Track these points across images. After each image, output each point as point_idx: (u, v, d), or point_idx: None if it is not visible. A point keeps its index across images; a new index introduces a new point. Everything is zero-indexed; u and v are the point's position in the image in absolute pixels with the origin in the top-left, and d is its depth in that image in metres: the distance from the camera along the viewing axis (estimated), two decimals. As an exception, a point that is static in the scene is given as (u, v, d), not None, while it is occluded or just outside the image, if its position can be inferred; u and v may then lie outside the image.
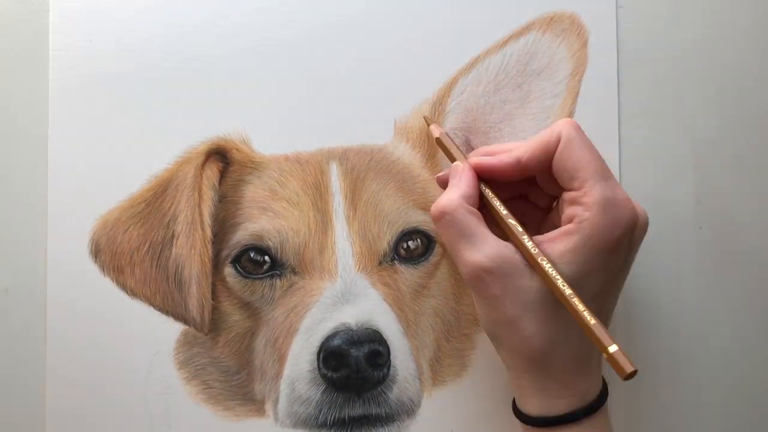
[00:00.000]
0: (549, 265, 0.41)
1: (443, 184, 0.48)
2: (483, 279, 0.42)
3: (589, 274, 0.41)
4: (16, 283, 0.52)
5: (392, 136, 0.52)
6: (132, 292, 0.51)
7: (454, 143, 0.49)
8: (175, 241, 0.50)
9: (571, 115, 0.51)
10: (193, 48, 0.52)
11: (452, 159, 0.48)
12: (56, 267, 0.52)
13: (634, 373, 0.38)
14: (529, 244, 0.42)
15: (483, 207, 0.45)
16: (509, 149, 0.46)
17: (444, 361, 0.51)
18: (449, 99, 0.52)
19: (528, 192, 0.48)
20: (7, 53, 0.53)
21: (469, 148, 0.52)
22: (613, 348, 0.38)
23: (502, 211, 0.45)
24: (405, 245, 0.51)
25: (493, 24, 0.52)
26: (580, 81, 0.52)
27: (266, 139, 0.52)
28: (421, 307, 0.51)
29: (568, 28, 0.51)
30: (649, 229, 0.50)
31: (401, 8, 0.52)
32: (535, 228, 0.48)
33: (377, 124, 0.52)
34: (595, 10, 0.52)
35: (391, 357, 0.47)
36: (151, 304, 0.51)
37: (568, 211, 0.43)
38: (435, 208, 0.44)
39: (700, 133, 0.52)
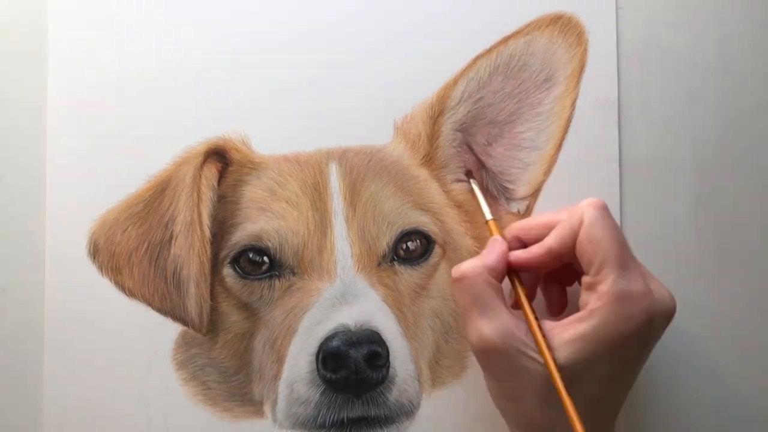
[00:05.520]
0: (547, 352, 0.41)
1: None
2: (488, 353, 0.43)
3: (592, 362, 0.41)
4: (14, 283, 0.52)
5: (392, 136, 0.52)
6: (130, 293, 0.51)
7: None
8: (173, 242, 0.50)
9: (571, 115, 0.51)
10: (192, 48, 0.52)
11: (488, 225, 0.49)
12: (54, 267, 0.52)
13: None
14: (536, 327, 0.43)
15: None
16: (544, 224, 0.46)
17: (443, 362, 0.51)
18: (449, 99, 0.51)
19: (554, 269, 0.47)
20: (6, 53, 0.53)
21: (469, 149, 0.52)
22: None
23: (520, 290, 0.45)
24: (404, 246, 0.50)
25: (492, 24, 0.52)
26: (579, 81, 0.51)
27: (265, 139, 0.52)
28: (420, 308, 0.51)
29: (567, 28, 0.51)
30: (650, 229, 0.50)
31: (401, 8, 0.52)
32: (559, 305, 0.48)
33: (377, 124, 0.52)
34: (595, 11, 0.51)
35: (390, 358, 0.47)
36: (150, 304, 0.51)
37: (583, 296, 0.43)
38: (455, 270, 0.45)
39: (700, 133, 0.52)
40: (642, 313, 0.41)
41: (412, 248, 0.51)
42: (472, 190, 0.51)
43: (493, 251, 0.46)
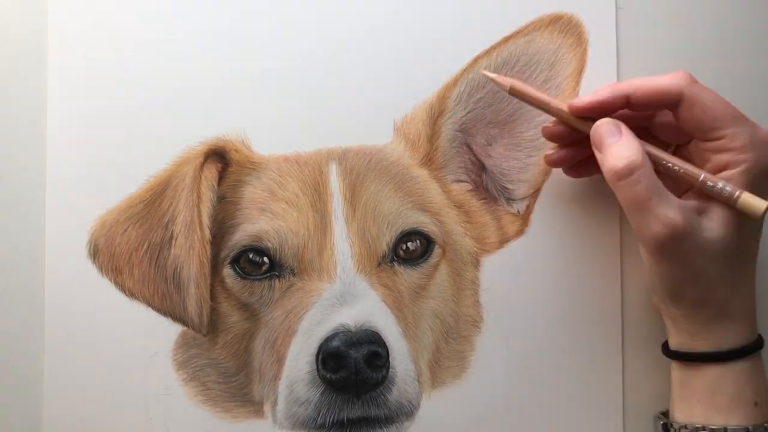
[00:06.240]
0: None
1: (550, 135, 0.48)
2: (676, 238, 0.42)
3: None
4: (14, 283, 0.52)
5: (392, 136, 0.52)
6: (130, 293, 0.51)
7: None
8: (173, 242, 0.50)
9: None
10: (192, 48, 0.52)
11: (549, 110, 0.48)
12: (54, 267, 0.52)
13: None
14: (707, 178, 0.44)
15: None
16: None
17: (443, 362, 0.51)
18: (449, 100, 0.51)
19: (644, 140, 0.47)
20: (6, 54, 0.53)
21: (469, 149, 0.52)
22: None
23: (673, 160, 0.45)
24: (404, 246, 0.50)
25: (493, 24, 0.52)
26: (579, 81, 0.51)
27: (265, 139, 0.52)
28: (420, 309, 0.51)
29: (568, 28, 0.51)
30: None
31: (401, 8, 0.52)
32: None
33: (377, 124, 0.52)
34: (595, 11, 0.51)
35: (390, 358, 0.47)
36: (150, 305, 0.51)
37: (715, 159, 0.44)
38: (621, 164, 0.43)
39: (700, 134, 0.52)
40: None
41: (412, 248, 0.51)
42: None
43: (626, 132, 0.45)
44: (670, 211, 0.42)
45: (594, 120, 0.46)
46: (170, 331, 0.51)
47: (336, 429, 0.48)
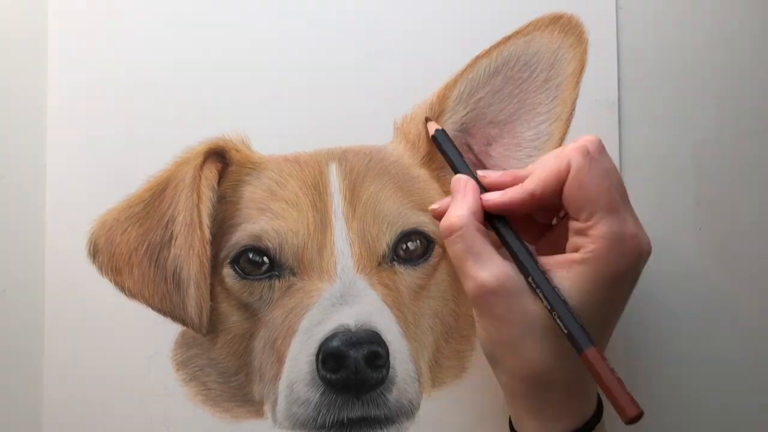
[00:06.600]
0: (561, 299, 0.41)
1: (438, 215, 0.46)
2: (487, 299, 0.42)
3: (591, 305, 0.41)
4: (14, 283, 0.52)
5: (392, 136, 0.52)
6: (130, 293, 0.51)
7: (455, 147, 0.49)
8: (173, 242, 0.50)
9: (571, 116, 0.51)
10: (191, 48, 0.52)
11: (450, 165, 0.48)
12: (54, 268, 0.52)
13: (639, 416, 0.38)
14: (539, 275, 0.42)
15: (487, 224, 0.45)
16: (517, 177, 0.45)
17: (443, 362, 0.51)
18: (449, 100, 0.51)
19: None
20: (6, 54, 0.53)
21: (469, 149, 0.52)
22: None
23: (511, 235, 0.44)
24: (404, 246, 0.50)
25: (493, 24, 0.52)
26: (579, 81, 0.51)
27: (265, 139, 0.52)
28: (420, 309, 0.51)
29: (568, 28, 0.51)
30: (649, 230, 0.50)
31: (401, 8, 0.52)
32: (534, 242, 0.47)
33: (377, 124, 0.52)
34: (595, 11, 0.51)
35: (390, 358, 0.47)
36: (150, 305, 0.51)
37: (573, 240, 0.42)
38: (444, 224, 0.44)
39: (700, 135, 0.52)
40: (633, 253, 0.41)
41: (412, 248, 0.51)
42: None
43: (468, 192, 0.45)
44: (482, 273, 0.42)
45: None
46: (170, 331, 0.51)
47: (336, 429, 0.48)
